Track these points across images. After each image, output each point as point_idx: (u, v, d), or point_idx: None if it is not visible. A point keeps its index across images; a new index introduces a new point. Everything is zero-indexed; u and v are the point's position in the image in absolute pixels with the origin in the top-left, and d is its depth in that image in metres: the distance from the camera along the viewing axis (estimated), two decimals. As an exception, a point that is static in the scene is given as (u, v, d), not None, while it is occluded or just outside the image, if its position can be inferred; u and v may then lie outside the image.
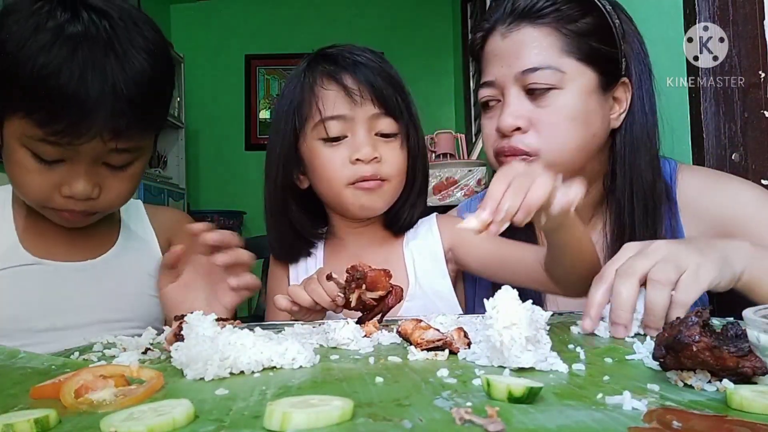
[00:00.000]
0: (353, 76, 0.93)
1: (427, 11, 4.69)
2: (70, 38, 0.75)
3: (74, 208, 0.84)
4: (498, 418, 0.35)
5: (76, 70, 0.74)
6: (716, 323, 0.47)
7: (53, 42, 0.75)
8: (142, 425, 0.36)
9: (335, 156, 0.94)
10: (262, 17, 4.80)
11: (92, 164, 0.82)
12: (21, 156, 0.80)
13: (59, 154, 0.79)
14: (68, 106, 0.74)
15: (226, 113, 4.81)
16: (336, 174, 0.94)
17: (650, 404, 0.39)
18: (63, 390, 0.44)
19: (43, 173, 0.81)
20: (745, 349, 0.43)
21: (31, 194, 0.84)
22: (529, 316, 0.51)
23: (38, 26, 0.75)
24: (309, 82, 0.95)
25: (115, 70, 0.76)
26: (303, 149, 0.97)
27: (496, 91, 0.95)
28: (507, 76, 0.92)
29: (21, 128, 0.78)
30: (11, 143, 0.81)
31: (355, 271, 0.73)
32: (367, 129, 0.94)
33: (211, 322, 0.55)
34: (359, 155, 0.92)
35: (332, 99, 0.93)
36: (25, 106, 0.76)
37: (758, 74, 1.07)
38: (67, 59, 0.74)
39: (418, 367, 0.52)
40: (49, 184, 0.81)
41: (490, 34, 0.96)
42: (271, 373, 0.52)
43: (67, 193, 0.82)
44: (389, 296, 0.74)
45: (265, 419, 0.36)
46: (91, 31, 0.77)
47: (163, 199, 3.83)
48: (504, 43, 0.93)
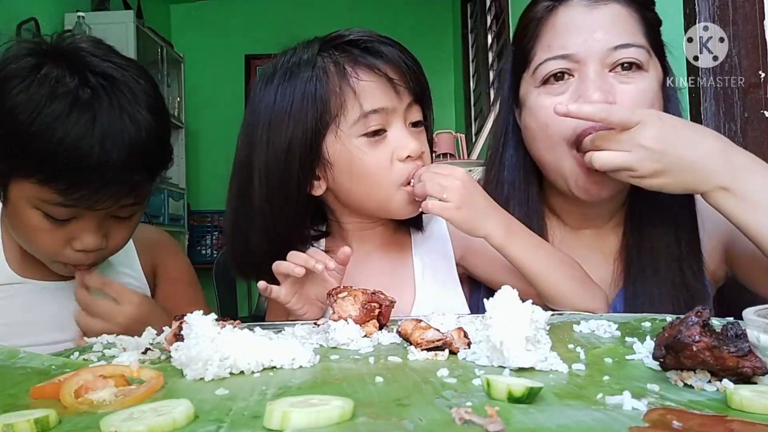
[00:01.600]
0: (389, 63, 0.85)
1: (427, 11, 4.70)
2: (84, 106, 0.76)
3: (85, 261, 0.85)
4: (498, 418, 0.35)
5: (96, 139, 0.76)
6: (716, 323, 0.47)
7: (69, 111, 0.75)
8: (142, 425, 0.36)
9: (381, 154, 0.85)
10: (262, 17, 4.80)
11: (103, 219, 0.84)
12: (31, 217, 0.81)
13: (73, 214, 0.81)
14: (90, 175, 0.76)
15: (226, 113, 4.78)
16: (385, 175, 0.85)
17: (650, 404, 0.39)
18: (63, 390, 0.44)
19: (54, 231, 0.82)
20: (745, 349, 0.43)
21: (41, 251, 0.86)
22: (529, 315, 0.51)
23: (51, 95, 0.75)
24: (336, 73, 0.84)
25: (131, 135, 0.78)
26: (331, 150, 0.85)
27: (571, 65, 0.87)
28: (591, 50, 0.86)
29: (34, 192, 0.79)
30: (20, 204, 0.81)
31: (375, 302, 0.70)
32: (403, 120, 0.86)
33: (211, 322, 0.55)
34: (409, 151, 0.84)
35: (372, 90, 0.84)
36: (43, 174, 0.76)
37: (758, 74, 1.07)
38: (86, 129, 0.75)
39: (418, 367, 0.52)
40: (61, 241, 0.83)
41: (561, 4, 0.90)
42: (271, 373, 0.52)
43: (79, 248, 0.83)
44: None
45: (265, 419, 0.36)
46: (101, 96, 0.77)
47: (163, 199, 3.83)
48: (587, 15, 0.88)
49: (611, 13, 0.87)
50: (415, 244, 0.97)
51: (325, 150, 0.85)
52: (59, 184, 0.76)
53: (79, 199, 0.77)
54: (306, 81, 0.84)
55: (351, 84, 0.83)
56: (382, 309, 0.70)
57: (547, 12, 0.90)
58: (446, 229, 0.97)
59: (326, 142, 0.85)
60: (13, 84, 0.77)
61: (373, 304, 0.69)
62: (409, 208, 0.87)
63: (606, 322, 0.68)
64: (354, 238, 0.94)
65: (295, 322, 0.78)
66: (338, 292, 0.72)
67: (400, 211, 0.88)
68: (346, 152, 0.85)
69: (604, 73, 0.86)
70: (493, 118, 3.13)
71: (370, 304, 0.69)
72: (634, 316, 0.77)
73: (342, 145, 0.85)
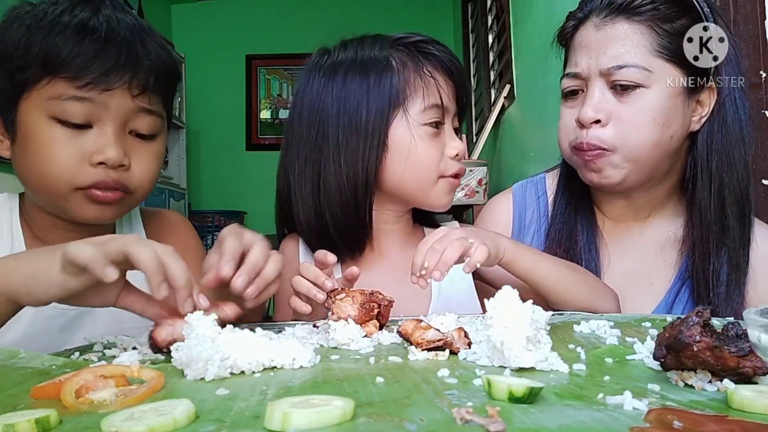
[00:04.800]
0: (447, 67, 0.95)
1: (427, 11, 4.70)
2: (89, 2, 0.81)
3: (106, 179, 0.80)
4: (499, 418, 0.35)
5: (101, 21, 0.79)
6: (717, 323, 0.47)
7: (75, 5, 0.80)
8: (142, 425, 0.36)
9: (435, 146, 0.94)
10: (263, 17, 4.81)
11: (121, 129, 0.82)
12: (45, 128, 0.79)
13: (88, 114, 0.79)
14: (100, 54, 0.77)
15: (226, 113, 4.81)
16: (435, 164, 0.94)
17: (651, 404, 0.39)
18: (64, 390, 0.44)
19: (71, 142, 0.79)
20: (746, 349, 0.43)
21: (58, 171, 0.80)
22: (529, 316, 0.51)
23: (54, 2, 0.80)
24: (410, 66, 0.94)
25: (135, 21, 0.83)
26: (394, 135, 0.93)
27: (580, 82, 0.95)
28: (593, 69, 0.92)
29: (46, 94, 0.78)
30: (33, 122, 0.79)
31: (373, 302, 0.70)
32: (451, 122, 0.97)
33: (211, 322, 0.55)
34: (458, 150, 0.95)
35: (436, 87, 0.93)
36: (52, 66, 0.77)
37: (759, 74, 1.07)
38: (91, 14, 0.79)
39: (419, 367, 0.52)
40: (78, 154, 0.79)
41: (582, 23, 0.96)
42: (272, 373, 0.52)
43: (98, 159, 0.79)
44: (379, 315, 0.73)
45: (266, 419, 0.36)
46: (112, 20, 0.82)
47: (164, 199, 3.83)
48: (596, 35, 0.93)
49: (616, 32, 0.91)
50: None
51: (390, 135, 0.93)
52: (70, 69, 0.77)
53: (91, 82, 0.77)
54: (381, 70, 0.93)
55: (422, 76, 0.93)
56: (381, 309, 0.70)
57: (573, 30, 0.99)
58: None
59: (392, 128, 0.93)
60: (18, 9, 0.82)
61: (371, 304, 0.69)
62: (446, 198, 0.97)
63: (606, 322, 0.68)
64: (379, 232, 0.99)
65: (295, 323, 0.78)
66: (336, 294, 0.72)
67: (438, 199, 0.96)
68: (407, 137, 0.93)
69: (605, 89, 0.92)
70: (494, 119, 3.12)
71: (369, 303, 0.69)
72: (634, 316, 0.77)
73: (405, 130, 0.93)
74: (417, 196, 0.97)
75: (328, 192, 0.93)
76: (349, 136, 0.92)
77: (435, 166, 0.94)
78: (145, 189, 0.87)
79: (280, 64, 4.82)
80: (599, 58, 0.91)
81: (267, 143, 4.82)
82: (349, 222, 0.94)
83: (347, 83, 0.93)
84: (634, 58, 0.89)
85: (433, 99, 0.93)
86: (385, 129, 0.92)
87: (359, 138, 0.92)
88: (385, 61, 0.93)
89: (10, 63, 0.79)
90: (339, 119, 0.93)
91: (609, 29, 0.92)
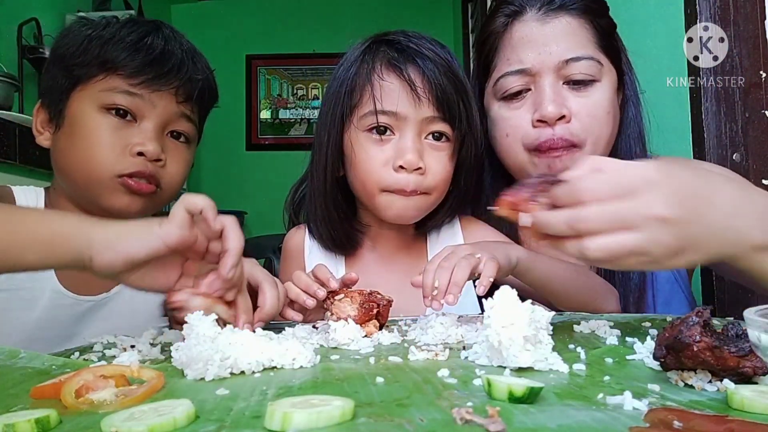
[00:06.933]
0: (417, 70, 0.85)
1: (427, 11, 4.69)
2: (149, 24, 0.91)
3: (144, 169, 0.87)
4: (499, 418, 0.35)
5: (160, 39, 0.89)
6: (717, 323, 0.47)
7: (136, 23, 0.91)
8: (143, 425, 0.36)
9: (378, 155, 0.87)
10: (263, 17, 4.80)
11: (161, 129, 0.89)
12: (95, 117, 0.86)
13: (135, 108, 0.87)
14: (155, 62, 0.87)
15: (226, 113, 4.79)
16: (374, 176, 0.87)
17: (651, 404, 0.39)
18: (63, 390, 0.44)
19: (116, 132, 0.86)
20: (746, 349, 0.43)
21: (102, 156, 0.86)
22: (528, 315, 0.51)
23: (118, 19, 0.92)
24: (367, 67, 0.88)
25: (189, 45, 0.94)
26: (345, 139, 0.90)
27: (528, 79, 0.91)
28: (546, 63, 0.89)
29: (100, 86, 0.86)
30: (84, 109, 0.87)
31: (372, 302, 0.70)
32: (417, 131, 0.86)
33: (211, 322, 0.55)
34: (403, 162, 0.85)
35: (389, 92, 0.86)
36: (110, 65, 0.86)
37: (759, 74, 1.06)
38: (152, 29, 0.89)
39: (419, 367, 0.52)
40: (121, 144, 0.86)
41: (517, 18, 0.92)
42: (272, 373, 0.52)
43: (139, 149, 0.86)
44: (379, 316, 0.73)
45: (266, 419, 0.36)
46: (170, 39, 0.92)
47: (163, 200, 3.83)
48: (541, 29, 0.90)
49: (563, 26, 0.90)
50: (431, 249, 0.98)
51: (344, 139, 0.90)
52: (128, 68, 0.86)
53: (144, 81, 0.86)
54: (345, 71, 0.91)
55: (372, 79, 0.87)
56: (380, 309, 0.70)
57: (504, 26, 0.94)
58: (460, 235, 0.99)
59: (345, 131, 0.90)
60: (78, 22, 0.93)
61: (371, 304, 0.69)
62: (391, 212, 0.89)
63: (606, 322, 0.68)
64: (378, 235, 0.98)
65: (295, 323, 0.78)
66: (335, 295, 0.72)
67: (384, 212, 0.90)
68: (351, 142, 0.89)
69: (559, 85, 0.90)
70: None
71: (368, 303, 0.69)
72: (634, 316, 0.77)
73: (350, 135, 0.89)
74: (369, 207, 0.92)
75: (313, 191, 0.95)
76: (320, 137, 0.93)
77: (373, 177, 0.87)
78: (173, 188, 0.94)
79: (280, 64, 4.82)
80: (552, 52, 0.88)
81: (267, 143, 4.81)
82: (333, 220, 0.94)
83: (329, 84, 0.95)
84: (587, 50, 0.89)
85: (381, 104, 0.85)
86: (340, 133, 0.90)
87: (322, 141, 0.92)
88: (355, 62, 0.90)
89: (70, 60, 0.87)
90: (318, 119, 0.96)
91: (556, 23, 0.90)
